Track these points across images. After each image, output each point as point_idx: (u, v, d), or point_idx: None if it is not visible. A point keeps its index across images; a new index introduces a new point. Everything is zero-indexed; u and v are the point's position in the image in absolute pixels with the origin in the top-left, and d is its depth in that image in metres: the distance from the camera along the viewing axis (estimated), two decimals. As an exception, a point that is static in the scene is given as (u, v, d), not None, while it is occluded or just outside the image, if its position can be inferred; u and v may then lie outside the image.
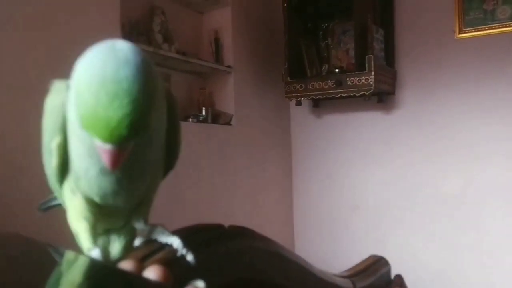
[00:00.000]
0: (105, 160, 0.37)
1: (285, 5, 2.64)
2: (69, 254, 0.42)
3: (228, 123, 2.61)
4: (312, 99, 2.79)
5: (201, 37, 2.73)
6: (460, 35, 2.46)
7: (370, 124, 2.78)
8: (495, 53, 2.38)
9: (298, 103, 2.74)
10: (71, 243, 0.48)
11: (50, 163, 0.44)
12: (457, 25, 2.46)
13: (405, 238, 2.66)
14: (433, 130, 2.57)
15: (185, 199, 2.29)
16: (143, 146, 0.41)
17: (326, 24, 2.83)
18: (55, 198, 0.54)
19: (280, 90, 2.74)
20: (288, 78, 2.64)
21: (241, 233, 0.58)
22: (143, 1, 2.36)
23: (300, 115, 3.04)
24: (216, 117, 2.59)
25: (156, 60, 2.34)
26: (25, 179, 1.53)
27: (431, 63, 2.57)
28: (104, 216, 0.47)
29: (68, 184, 0.45)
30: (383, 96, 2.68)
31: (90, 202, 0.45)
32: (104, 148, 0.37)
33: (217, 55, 2.65)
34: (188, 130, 2.35)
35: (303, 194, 3.05)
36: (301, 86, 2.62)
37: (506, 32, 2.34)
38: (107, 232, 0.51)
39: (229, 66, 2.63)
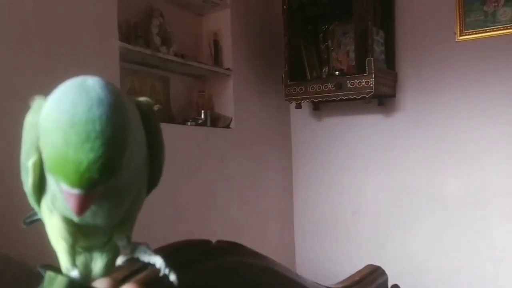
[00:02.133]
0: (71, 205, 0.35)
1: (284, 7, 2.63)
2: (48, 275, 0.41)
3: (228, 126, 2.59)
4: (312, 101, 2.77)
5: (200, 40, 2.72)
6: (461, 38, 2.44)
7: (370, 127, 2.76)
8: (496, 55, 2.36)
9: (298, 106, 2.72)
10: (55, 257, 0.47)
11: (27, 181, 0.43)
12: (458, 27, 2.43)
13: (405, 242, 2.64)
14: (434, 133, 2.55)
15: (183, 203, 2.27)
16: (123, 171, 0.39)
17: (326, 26, 2.82)
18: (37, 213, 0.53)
19: (280, 93, 2.72)
20: (288, 80, 2.62)
21: (229, 249, 0.56)
22: (141, 3, 2.35)
23: (300, 118, 3.03)
24: (215, 120, 2.57)
25: (155, 63, 2.33)
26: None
27: (432, 65, 2.55)
28: (83, 235, 0.45)
29: (45, 203, 0.44)
30: (383, 99, 2.67)
31: (68, 221, 0.43)
32: (70, 193, 0.35)
33: (216, 58, 2.63)
34: (187, 133, 2.34)
35: (303, 197, 3.03)
36: (301, 89, 2.60)
37: (507, 34, 2.32)
38: (90, 249, 0.49)
39: (228, 69, 2.61)
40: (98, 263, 0.50)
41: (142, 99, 0.46)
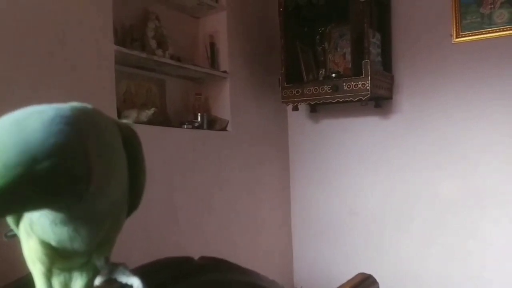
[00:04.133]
0: None
1: (281, 9, 2.61)
2: None
3: (224, 129, 2.59)
4: (309, 104, 2.77)
5: (196, 42, 2.71)
6: (457, 40, 2.43)
7: (367, 129, 2.75)
8: (493, 57, 2.35)
9: (295, 108, 2.72)
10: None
11: None
12: (454, 29, 2.42)
13: (401, 244, 2.63)
14: (430, 135, 2.54)
15: (180, 206, 2.26)
16: (96, 197, 0.38)
17: (323, 28, 2.81)
18: None
19: (277, 95, 2.71)
20: (285, 83, 2.61)
21: (212, 266, 0.55)
22: (136, 6, 2.34)
23: (297, 120, 3.02)
24: (212, 123, 2.56)
25: (151, 66, 2.32)
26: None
27: (429, 67, 2.54)
28: (62, 257, 0.45)
29: (23, 225, 0.43)
30: (380, 101, 2.66)
31: (46, 245, 0.43)
32: None
33: (213, 60, 2.62)
34: (183, 136, 2.33)
35: (300, 200, 3.02)
36: (297, 91, 2.59)
37: (503, 36, 2.31)
38: (69, 269, 0.49)
39: (225, 71, 2.60)
40: (77, 283, 0.49)
41: (123, 122, 0.45)
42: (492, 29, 2.33)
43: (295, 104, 2.66)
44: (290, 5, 2.60)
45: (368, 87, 2.35)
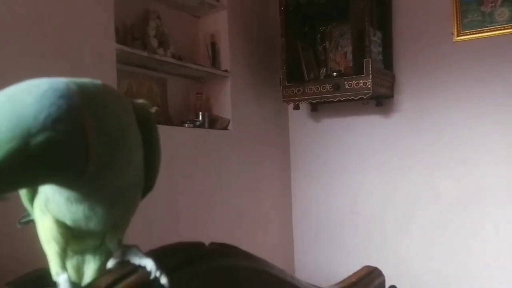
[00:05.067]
0: None
1: (282, 8, 2.63)
2: None
3: (225, 128, 2.59)
4: (310, 103, 2.78)
5: (197, 41, 2.72)
6: (459, 38, 2.44)
7: (368, 127, 2.76)
8: (494, 55, 2.36)
9: (296, 107, 2.72)
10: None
11: None
12: (455, 27, 2.44)
13: (402, 243, 2.63)
14: (432, 133, 2.55)
15: (180, 205, 2.27)
16: (106, 174, 0.39)
17: (324, 27, 2.82)
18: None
19: (278, 94, 2.72)
20: (286, 82, 2.62)
21: (222, 251, 0.56)
22: (138, 5, 2.35)
23: (298, 119, 3.03)
24: (213, 122, 2.57)
25: (152, 65, 2.33)
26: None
27: (430, 66, 2.55)
28: (76, 238, 0.45)
29: (38, 204, 0.44)
30: (381, 100, 2.67)
31: (61, 224, 0.43)
32: None
33: (214, 59, 2.63)
34: (185, 135, 2.34)
35: (301, 199, 3.03)
36: (299, 90, 2.60)
37: (504, 34, 2.32)
38: (82, 252, 0.49)
39: (226, 71, 2.61)
40: (90, 266, 0.49)
41: (139, 101, 0.45)
42: (493, 27, 2.34)
43: (296, 103, 2.67)
44: (291, 4, 2.61)
45: (369, 86, 2.36)
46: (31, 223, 0.56)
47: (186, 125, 2.40)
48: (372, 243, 2.74)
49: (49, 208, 0.42)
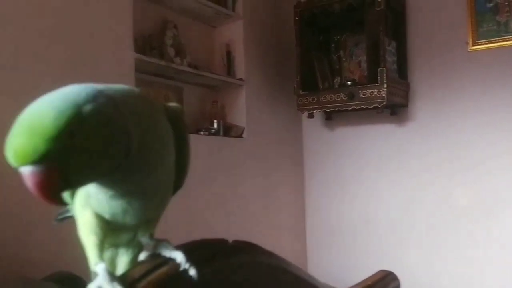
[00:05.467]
0: (30, 187, 0.38)
1: (296, 18, 2.68)
2: None
3: (240, 136, 2.64)
4: (325, 111, 2.81)
5: (213, 51, 2.78)
6: (474, 47, 2.46)
7: (383, 136, 2.78)
8: (509, 65, 2.37)
9: (311, 116, 2.76)
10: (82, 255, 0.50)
11: None
12: (470, 37, 2.46)
13: (417, 250, 2.64)
14: (446, 142, 2.56)
15: (195, 212, 2.31)
16: (150, 174, 0.43)
17: (338, 37, 2.86)
18: (69, 210, 0.57)
19: (292, 102, 2.76)
20: (300, 90, 2.66)
21: (245, 248, 0.60)
22: (155, 15, 2.42)
23: (313, 127, 3.06)
24: (228, 130, 2.62)
25: (169, 74, 2.39)
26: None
27: (444, 75, 2.57)
28: (112, 231, 0.49)
29: (79, 199, 0.48)
30: (396, 109, 2.69)
31: (99, 218, 0.47)
32: (24, 173, 0.38)
33: (229, 68, 2.68)
34: (200, 143, 2.38)
35: (315, 207, 3.05)
36: (313, 99, 2.64)
37: (520, 44, 2.34)
38: (116, 245, 0.53)
39: (241, 79, 2.66)
40: (123, 259, 0.54)
41: (171, 104, 0.50)
42: (508, 37, 2.36)
43: (310, 112, 2.71)
44: (305, 14, 2.66)
45: (384, 95, 2.39)
46: (65, 220, 0.61)
47: (202, 132, 2.45)
48: (386, 251, 2.74)
49: (90, 203, 0.47)
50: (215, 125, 2.54)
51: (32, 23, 1.65)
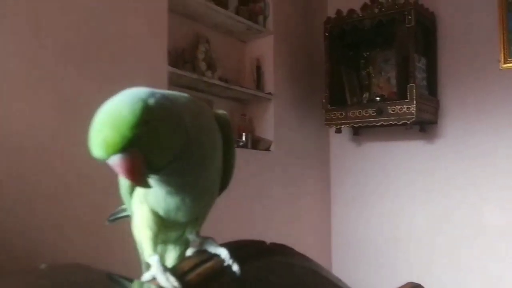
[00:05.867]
0: (119, 172, 0.45)
1: (326, 34, 2.74)
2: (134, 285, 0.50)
3: (267, 149, 2.69)
4: (352, 127, 2.84)
5: (243, 65, 2.86)
6: (505, 65, 2.46)
7: (411, 153, 2.79)
8: (543, 83, 2.36)
9: (338, 131, 2.80)
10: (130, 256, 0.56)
11: None
12: (502, 55, 2.46)
13: (444, 270, 2.62)
14: (476, 161, 2.56)
15: (222, 222, 2.36)
16: (202, 172, 0.49)
17: (368, 53, 2.90)
18: (122, 210, 0.64)
19: (320, 117, 2.81)
20: (328, 105, 2.71)
21: (281, 250, 0.65)
22: (189, 30, 2.52)
23: (340, 142, 3.09)
24: (256, 143, 2.68)
25: (200, 87, 2.48)
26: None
27: (475, 93, 2.57)
28: (164, 228, 0.55)
29: (138, 195, 0.54)
30: (425, 125, 2.70)
31: (155, 214, 0.54)
32: (111, 163, 0.45)
33: (258, 82, 2.76)
34: (228, 155, 2.45)
35: (341, 222, 3.07)
36: (341, 114, 2.68)
37: (554, 62, 2.33)
38: (165, 242, 0.59)
39: (269, 93, 2.73)
40: (171, 254, 0.60)
41: (219, 111, 0.56)
42: (541, 54, 2.36)
43: (338, 127, 2.75)
44: (335, 30, 2.72)
45: (413, 111, 2.41)
46: (119, 220, 0.67)
47: (230, 145, 2.51)
48: (413, 268, 2.73)
49: (147, 200, 0.53)
50: (243, 138, 2.61)
51: (73, 37, 1.76)
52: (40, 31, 1.65)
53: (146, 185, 0.46)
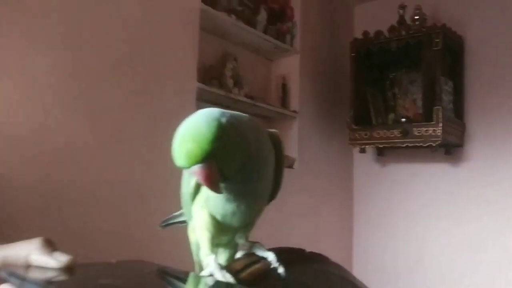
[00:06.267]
0: (199, 179, 0.53)
1: (353, 54, 2.81)
2: (192, 275, 0.57)
3: (291, 167, 2.75)
4: (377, 147, 2.89)
5: (269, 83, 2.95)
6: (534, 90, 2.49)
7: (436, 176, 2.82)
8: None
9: (362, 151, 2.85)
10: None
11: (189, 183, 0.61)
12: (530, 79, 2.50)
13: (472, 299, 2.61)
14: (502, 186, 2.57)
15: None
16: (258, 182, 0.57)
17: (394, 74, 2.96)
18: (174, 217, 0.72)
19: (344, 136, 2.87)
20: (353, 125, 2.77)
21: (319, 258, 0.71)
22: (217, 47, 2.62)
23: (364, 163, 3.14)
24: (280, 160, 2.73)
25: (227, 103, 2.56)
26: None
27: (502, 116, 2.60)
28: (220, 231, 0.62)
29: (198, 201, 0.62)
30: (450, 148, 2.73)
31: (213, 218, 0.61)
32: (193, 171, 0.53)
33: (284, 100, 2.84)
34: (253, 171, 2.51)
35: (363, 243, 3.09)
36: (366, 134, 2.73)
37: None
38: (218, 245, 0.66)
39: (294, 111, 2.80)
40: (221, 257, 0.66)
41: (271, 130, 0.64)
42: None
43: (362, 147, 2.80)
44: (361, 50, 2.80)
45: (439, 133, 2.45)
46: (171, 226, 0.75)
47: (254, 161, 2.58)
48: (436, 296, 2.73)
49: (208, 205, 0.60)
50: (268, 155, 2.67)
51: (108, 53, 1.86)
52: (78, 47, 1.75)
53: (218, 190, 0.54)
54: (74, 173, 1.70)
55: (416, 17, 2.67)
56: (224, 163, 0.54)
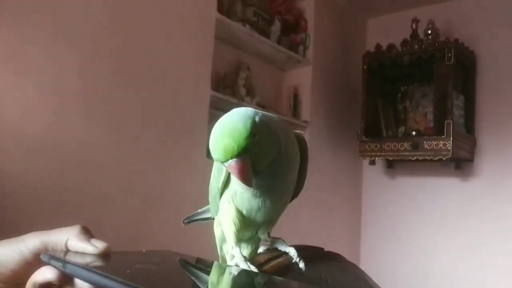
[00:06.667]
0: (236, 175, 0.58)
1: (365, 67, 2.87)
2: (217, 265, 0.62)
3: (300, 177, 2.79)
4: (387, 159, 2.93)
5: (281, 93, 3.01)
6: (545, 106, 2.53)
7: (445, 190, 2.85)
8: None
9: (372, 163, 2.89)
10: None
11: (219, 179, 0.66)
12: (542, 96, 2.54)
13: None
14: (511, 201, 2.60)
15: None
16: (284, 179, 0.62)
17: (405, 87, 3.01)
18: (197, 214, 0.77)
19: (354, 148, 2.91)
20: (363, 136, 2.81)
21: (336, 257, 0.76)
22: (231, 57, 2.69)
23: (373, 175, 3.17)
24: (289, 170, 2.78)
25: (238, 112, 2.62)
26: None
27: (513, 132, 2.64)
28: (244, 226, 0.67)
29: (226, 196, 0.67)
30: (461, 163, 2.77)
31: (239, 212, 0.66)
32: (229, 165, 0.59)
33: (295, 110, 2.89)
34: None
35: (370, 255, 3.12)
36: (376, 146, 2.78)
37: None
38: (240, 240, 0.71)
39: (305, 121, 2.85)
40: (244, 252, 0.71)
41: (297, 132, 0.69)
42: None
43: (372, 159, 2.84)
44: (374, 63, 2.85)
45: (449, 147, 2.49)
46: (194, 223, 0.80)
47: (265, 170, 2.63)
48: (444, 311, 2.75)
49: (234, 200, 0.65)
50: (277, 164, 2.71)
51: (126, 60, 1.94)
52: (96, 53, 1.83)
53: (250, 184, 0.59)
54: (88, 173, 1.76)
55: (429, 32, 2.72)
56: (257, 158, 0.59)
